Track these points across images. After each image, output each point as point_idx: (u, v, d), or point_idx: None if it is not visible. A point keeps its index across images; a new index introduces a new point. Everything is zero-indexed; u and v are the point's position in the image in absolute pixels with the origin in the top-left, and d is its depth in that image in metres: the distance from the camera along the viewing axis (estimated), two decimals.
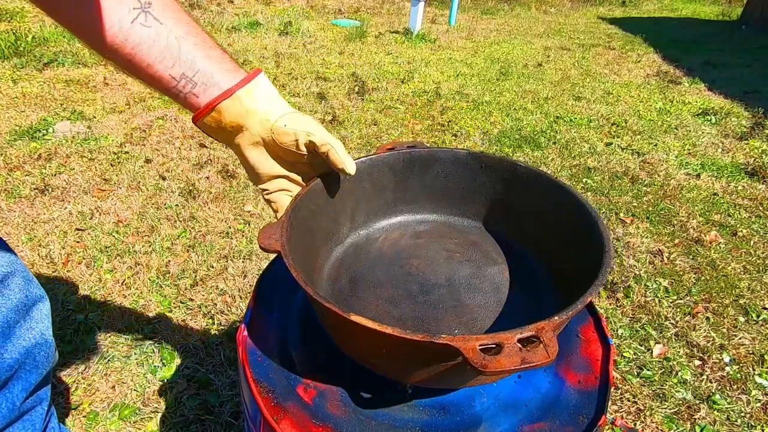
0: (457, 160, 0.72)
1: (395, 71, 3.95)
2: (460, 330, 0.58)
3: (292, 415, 0.51)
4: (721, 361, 1.45)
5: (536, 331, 0.40)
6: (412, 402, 0.55)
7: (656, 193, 2.35)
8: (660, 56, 4.95)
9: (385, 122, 2.97)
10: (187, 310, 1.51)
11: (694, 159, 2.73)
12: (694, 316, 1.62)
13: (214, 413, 1.20)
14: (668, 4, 8.93)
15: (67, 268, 1.64)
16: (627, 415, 1.28)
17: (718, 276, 1.80)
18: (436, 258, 0.69)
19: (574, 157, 2.67)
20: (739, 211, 2.23)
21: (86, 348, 1.35)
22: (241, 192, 2.14)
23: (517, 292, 0.64)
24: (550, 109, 3.35)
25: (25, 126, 2.55)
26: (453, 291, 0.63)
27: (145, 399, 1.24)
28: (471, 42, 5.16)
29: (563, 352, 0.60)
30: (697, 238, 2.01)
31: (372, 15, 6.16)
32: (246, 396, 0.57)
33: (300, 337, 0.62)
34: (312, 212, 0.63)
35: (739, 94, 3.75)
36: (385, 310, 0.60)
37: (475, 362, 0.37)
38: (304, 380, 0.56)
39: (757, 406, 1.32)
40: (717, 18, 7.45)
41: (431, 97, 3.44)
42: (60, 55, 3.52)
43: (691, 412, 1.29)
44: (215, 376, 1.29)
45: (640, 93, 3.77)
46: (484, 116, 3.17)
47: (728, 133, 3.08)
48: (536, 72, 4.22)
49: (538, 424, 0.52)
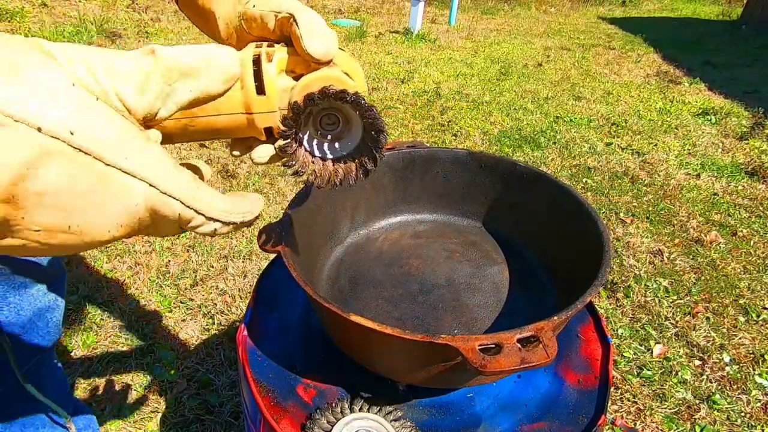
0: (457, 160, 0.72)
1: (395, 71, 3.95)
2: (459, 330, 0.58)
3: (292, 415, 0.51)
4: (721, 361, 1.45)
5: (536, 331, 0.40)
6: (412, 402, 0.55)
7: (656, 193, 2.35)
8: (660, 56, 4.95)
9: (385, 122, 2.97)
10: (187, 310, 1.51)
11: (694, 159, 2.73)
12: (694, 316, 1.62)
13: (214, 413, 1.20)
14: (668, 4, 8.92)
15: (67, 268, 1.64)
16: (627, 415, 1.28)
17: (718, 276, 1.80)
18: (436, 258, 0.69)
19: (574, 157, 2.67)
20: (739, 211, 2.23)
21: (86, 348, 1.35)
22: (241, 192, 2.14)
23: (517, 292, 0.64)
24: (550, 109, 3.35)
25: None
26: (453, 291, 0.63)
27: (145, 399, 1.24)
28: (471, 42, 5.15)
29: (563, 352, 0.60)
30: (697, 238, 2.01)
31: (372, 15, 6.16)
32: (246, 396, 0.57)
33: (300, 336, 0.62)
34: (312, 212, 0.63)
35: (739, 94, 3.75)
36: (385, 310, 0.60)
37: (475, 362, 0.37)
38: (304, 380, 0.56)
39: (757, 406, 1.32)
40: (717, 18, 7.44)
41: (431, 97, 3.44)
42: None
43: (691, 412, 1.29)
44: (215, 376, 1.29)
45: (640, 93, 3.77)
46: (484, 116, 3.17)
47: (728, 133, 3.08)
48: (536, 72, 4.22)
49: (538, 423, 0.52)
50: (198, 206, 0.30)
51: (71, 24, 4.15)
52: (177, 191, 0.28)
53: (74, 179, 0.24)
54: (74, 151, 0.24)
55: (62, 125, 0.23)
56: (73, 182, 0.24)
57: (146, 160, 0.26)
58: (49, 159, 0.23)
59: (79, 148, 0.24)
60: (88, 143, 0.24)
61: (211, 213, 0.31)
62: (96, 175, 0.25)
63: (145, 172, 0.26)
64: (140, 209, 0.27)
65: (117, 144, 0.25)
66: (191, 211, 0.29)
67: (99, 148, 0.24)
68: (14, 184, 0.22)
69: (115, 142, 0.25)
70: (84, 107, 0.24)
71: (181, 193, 0.28)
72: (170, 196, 0.28)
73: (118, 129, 0.25)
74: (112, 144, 0.25)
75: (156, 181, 0.27)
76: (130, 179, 0.26)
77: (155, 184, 0.27)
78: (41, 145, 0.23)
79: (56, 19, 4.33)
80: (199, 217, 0.30)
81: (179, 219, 0.29)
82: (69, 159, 0.24)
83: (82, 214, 0.25)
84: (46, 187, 0.23)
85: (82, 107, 0.24)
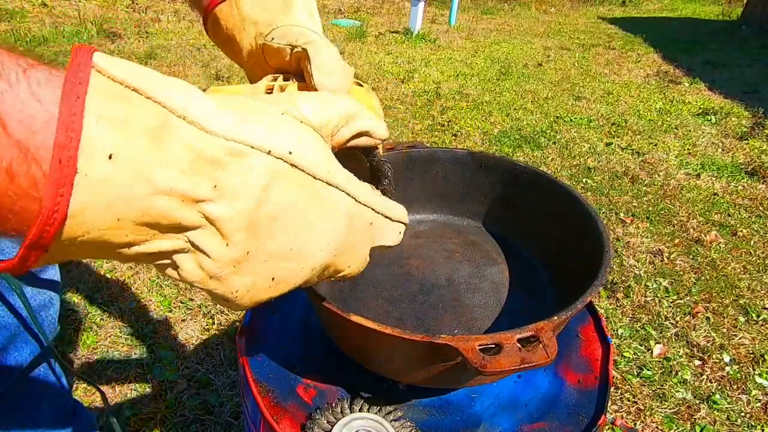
0: (457, 160, 0.72)
1: (395, 71, 3.95)
2: (459, 330, 0.58)
3: (292, 415, 0.51)
4: (721, 361, 1.45)
5: (536, 331, 0.40)
6: (412, 402, 0.55)
7: (656, 193, 2.35)
8: (660, 56, 4.95)
9: (385, 122, 2.97)
10: (187, 310, 1.51)
11: (694, 159, 2.73)
12: (694, 316, 1.62)
13: (214, 413, 1.20)
14: (668, 4, 8.92)
15: (67, 268, 1.64)
16: (627, 415, 1.28)
17: (718, 276, 1.80)
18: (436, 258, 0.69)
19: (574, 157, 2.67)
20: (739, 211, 2.23)
21: (86, 348, 1.36)
22: None
23: (517, 292, 0.64)
24: (550, 109, 3.35)
25: None
26: (453, 291, 0.63)
27: (145, 399, 1.24)
28: (471, 42, 5.15)
29: (563, 352, 0.60)
30: (697, 238, 2.01)
31: (372, 15, 6.16)
32: (246, 396, 0.57)
33: (300, 337, 0.62)
34: None
35: (739, 94, 3.75)
36: (385, 310, 0.60)
37: (475, 362, 0.37)
38: (304, 380, 0.56)
39: (757, 405, 1.32)
40: (717, 18, 7.44)
41: (431, 97, 3.44)
42: (60, 55, 3.52)
43: (691, 412, 1.29)
44: (215, 376, 1.29)
45: (640, 93, 3.77)
46: (484, 116, 3.17)
47: (728, 133, 3.08)
48: (536, 72, 4.22)
49: (538, 423, 0.52)
50: (384, 210, 0.33)
51: (71, 24, 4.15)
52: (367, 199, 0.31)
53: (294, 195, 0.26)
54: (292, 168, 0.26)
55: (283, 147, 0.26)
56: (294, 199, 0.26)
57: (343, 175, 0.29)
58: (275, 179, 0.25)
59: (296, 164, 0.26)
60: (302, 160, 0.26)
61: (396, 215, 0.34)
62: (309, 190, 0.27)
63: (344, 184, 0.29)
64: (342, 224, 0.29)
65: (322, 161, 0.28)
66: (380, 216, 0.32)
67: (310, 164, 0.27)
68: (256, 209, 0.25)
69: (321, 159, 0.28)
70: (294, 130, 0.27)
71: (372, 201, 0.31)
72: (364, 205, 0.31)
73: (321, 149, 0.28)
74: (319, 161, 0.28)
75: (353, 191, 0.30)
76: (335, 192, 0.29)
77: (353, 194, 0.30)
78: (271, 167, 0.25)
79: (56, 19, 4.33)
80: (385, 221, 0.33)
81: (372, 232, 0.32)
82: (289, 177, 0.26)
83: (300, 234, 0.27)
84: (277, 208, 0.26)
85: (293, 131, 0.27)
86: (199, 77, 3.45)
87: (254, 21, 0.42)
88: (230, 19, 0.43)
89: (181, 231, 0.24)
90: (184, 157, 0.22)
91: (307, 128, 0.28)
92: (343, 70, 0.40)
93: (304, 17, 0.43)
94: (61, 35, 3.89)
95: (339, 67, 0.40)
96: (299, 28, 0.42)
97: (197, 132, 0.23)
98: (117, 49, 3.78)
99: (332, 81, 0.39)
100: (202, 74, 3.50)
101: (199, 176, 0.23)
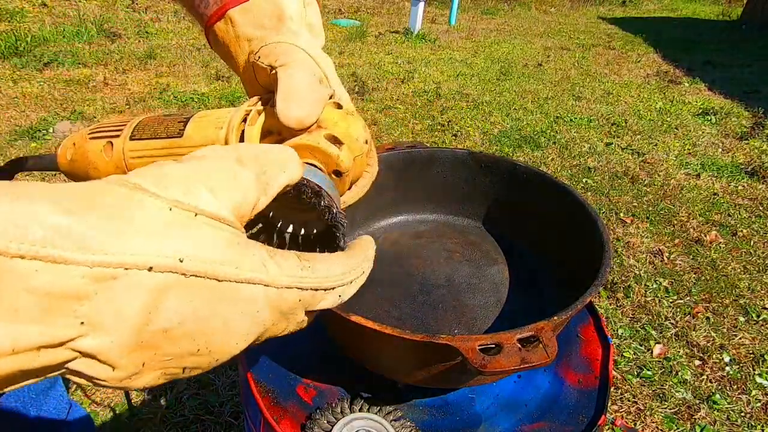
0: (457, 160, 0.72)
1: (395, 71, 3.95)
2: (459, 330, 0.58)
3: (292, 415, 0.51)
4: (721, 361, 1.45)
5: (536, 331, 0.40)
6: (412, 402, 0.55)
7: (656, 193, 2.35)
8: (660, 56, 4.95)
9: (385, 122, 2.97)
10: None
11: (694, 159, 2.73)
12: (694, 316, 1.62)
13: (214, 413, 1.20)
14: (668, 4, 8.93)
15: None
16: (627, 415, 1.28)
17: (718, 276, 1.80)
18: (436, 258, 0.69)
19: (574, 157, 2.67)
20: (739, 211, 2.23)
21: None
22: None
23: (517, 292, 0.64)
24: (550, 109, 3.35)
25: (25, 126, 2.55)
26: (453, 291, 0.63)
27: (145, 399, 1.24)
28: (471, 42, 5.16)
29: (563, 352, 0.60)
30: (697, 238, 2.01)
31: (372, 15, 6.16)
32: (246, 396, 0.57)
33: (300, 337, 0.62)
34: None
35: (739, 94, 3.75)
36: (385, 310, 0.60)
37: (475, 362, 0.37)
38: (304, 380, 0.56)
39: (757, 405, 1.32)
40: (717, 18, 7.45)
41: (431, 97, 3.44)
42: (60, 55, 3.52)
43: (691, 412, 1.29)
44: (215, 376, 1.29)
45: (640, 93, 3.77)
46: (484, 116, 3.17)
47: (728, 133, 3.08)
48: (536, 72, 4.22)
49: (538, 423, 0.52)
50: (315, 284, 0.28)
51: (71, 24, 4.15)
52: (289, 280, 0.26)
53: (194, 305, 0.23)
54: (187, 279, 0.22)
55: (170, 257, 0.22)
56: (194, 308, 0.23)
57: (253, 263, 0.25)
58: (165, 294, 0.22)
59: (192, 273, 0.22)
60: (200, 266, 0.23)
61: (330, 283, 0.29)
62: (214, 295, 0.23)
63: (256, 275, 0.25)
64: (264, 314, 0.26)
65: (226, 258, 0.24)
66: (310, 292, 0.28)
67: (211, 267, 0.23)
68: (140, 332, 0.21)
69: (225, 256, 0.24)
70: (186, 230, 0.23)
71: (295, 281, 0.27)
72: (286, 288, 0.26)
73: (223, 242, 0.24)
74: (221, 259, 0.24)
75: (271, 279, 0.26)
76: (247, 287, 0.25)
77: (272, 283, 0.26)
78: (156, 285, 0.21)
79: (56, 19, 4.33)
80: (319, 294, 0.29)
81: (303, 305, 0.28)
82: (185, 287, 0.22)
83: (208, 336, 0.24)
84: (170, 322, 0.22)
85: (185, 231, 0.23)
86: (199, 77, 3.45)
87: (248, 38, 0.41)
88: (227, 37, 0.42)
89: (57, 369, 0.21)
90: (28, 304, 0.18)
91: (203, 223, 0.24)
92: (314, 96, 0.36)
93: (298, 32, 0.41)
94: (61, 35, 3.89)
95: (309, 92, 0.36)
96: (286, 45, 0.39)
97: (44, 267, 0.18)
98: (117, 49, 3.78)
99: (296, 110, 0.35)
100: (202, 74, 3.50)
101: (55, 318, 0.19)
